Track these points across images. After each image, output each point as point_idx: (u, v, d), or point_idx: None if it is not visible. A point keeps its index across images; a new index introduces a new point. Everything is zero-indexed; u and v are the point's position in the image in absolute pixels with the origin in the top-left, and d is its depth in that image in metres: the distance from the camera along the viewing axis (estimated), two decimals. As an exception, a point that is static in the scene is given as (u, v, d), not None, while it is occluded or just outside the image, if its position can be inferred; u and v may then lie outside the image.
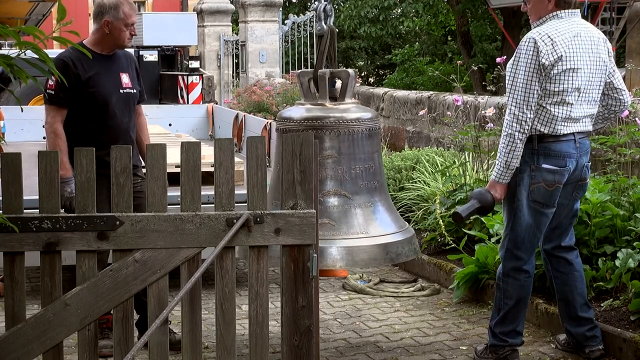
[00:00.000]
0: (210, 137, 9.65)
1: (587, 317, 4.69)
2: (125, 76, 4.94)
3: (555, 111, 4.40)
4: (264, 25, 16.17)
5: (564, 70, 4.37)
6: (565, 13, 4.47)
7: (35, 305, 4.72)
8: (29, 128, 9.32)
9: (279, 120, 4.87)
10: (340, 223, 4.65)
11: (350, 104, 4.83)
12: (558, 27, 4.42)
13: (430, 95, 10.01)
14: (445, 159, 7.96)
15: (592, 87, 4.50)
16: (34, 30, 2.67)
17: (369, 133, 4.75)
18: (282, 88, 12.77)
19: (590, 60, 4.46)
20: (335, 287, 6.40)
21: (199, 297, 3.50)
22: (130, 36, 4.85)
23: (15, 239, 3.37)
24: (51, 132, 4.78)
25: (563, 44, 4.37)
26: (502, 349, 4.63)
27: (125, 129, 4.90)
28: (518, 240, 4.56)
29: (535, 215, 4.51)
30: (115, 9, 4.79)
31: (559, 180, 4.45)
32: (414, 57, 24.90)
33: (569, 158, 4.45)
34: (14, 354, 3.35)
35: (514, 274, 4.60)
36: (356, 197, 4.69)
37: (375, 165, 4.79)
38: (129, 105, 4.96)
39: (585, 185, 4.64)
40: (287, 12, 21.00)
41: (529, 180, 4.46)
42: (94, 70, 4.80)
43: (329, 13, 4.84)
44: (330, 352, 4.97)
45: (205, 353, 4.22)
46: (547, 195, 4.47)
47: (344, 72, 4.82)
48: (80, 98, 4.79)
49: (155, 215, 3.43)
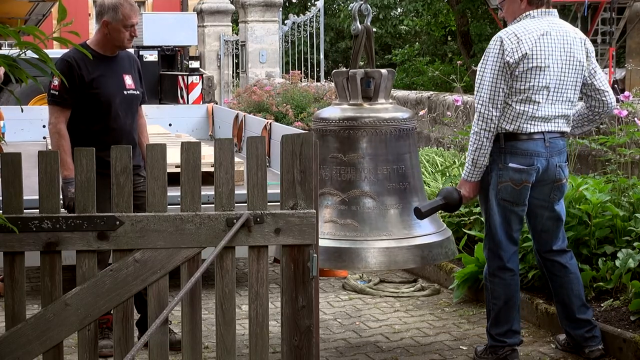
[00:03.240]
0: (210, 137, 9.66)
1: (585, 319, 4.68)
2: (129, 77, 4.94)
3: (521, 109, 4.41)
4: (264, 25, 16.17)
5: (529, 68, 4.38)
6: (537, 12, 4.49)
7: (35, 305, 4.72)
8: (29, 128, 9.33)
9: (316, 121, 4.86)
10: (364, 224, 4.62)
11: (382, 104, 4.78)
12: (527, 26, 4.44)
13: (430, 95, 10.01)
14: (445, 159, 7.97)
15: (565, 86, 4.48)
16: (34, 30, 2.67)
17: (398, 134, 4.70)
18: (282, 88, 12.76)
19: (562, 59, 4.45)
20: (335, 287, 6.40)
21: (199, 297, 3.50)
22: (130, 37, 4.84)
23: (15, 239, 3.37)
24: (55, 132, 4.78)
25: (529, 41, 4.39)
26: (502, 349, 4.64)
27: (129, 130, 4.90)
28: (496, 239, 4.58)
29: (505, 214, 4.52)
30: (114, 10, 4.78)
31: (526, 179, 4.45)
32: (414, 57, 24.91)
33: (536, 157, 4.44)
34: (14, 354, 3.35)
35: (499, 273, 4.60)
36: (382, 199, 4.65)
37: (406, 167, 4.72)
38: (132, 106, 4.96)
39: (562, 186, 4.58)
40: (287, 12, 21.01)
41: (497, 179, 4.49)
42: (98, 71, 4.80)
43: (365, 13, 4.81)
44: (330, 352, 4.97)
45: (205, 353, 4.22)
46: (515, 194, 4.47)
47: (377, 72, 4.78)
48: (84, 99, 4.79)
49: (155, 215, 3.43)
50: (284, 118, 11.34)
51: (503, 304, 4.60)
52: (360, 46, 4.81)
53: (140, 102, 5.08)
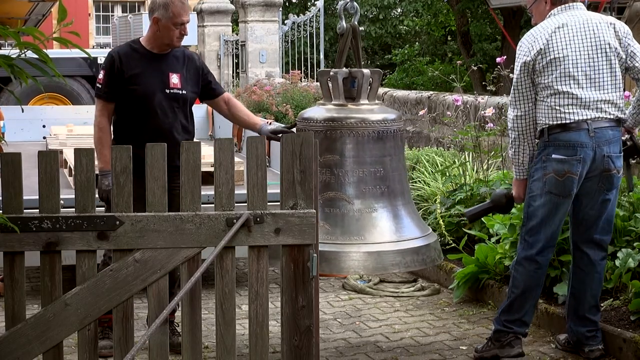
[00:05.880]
0: (210, 137, 9.65)
1: (592, 320, 4.69)
2: (176, 76, 4.88)
3: (553, 102, 4.46)
4: (264, 25, 16.17)
5: (548, 61, 4.46)
6: (559, 9, 4.59)
7: (35, 305, 4.72)
8: (29, 128, 9.32)
9: (299, 121, 4.79)
10: (336, 227, 4.49)
11: (366, 105, 4.64)
12: (545, 24, 4.55)
13: (430, 95, 10.01)
14: (445, 159, 7.96)
15: (597, 71, 4.48)
16: (33, 31, 2.67)
17: (377, 136, 4.56)
18: (282, 88, 12.76)
19: (585, 45, 4.48)
20: (335, 287, 6.40)
21: (199, 297, 3.50)
22: (180, 35, 4.81)
23: (15, 239, 3.37)
24: (96, 125, 4.84)
25: (543, 38, 4.48)
26: (506, 335, 4.63)
27: (168, 129, 4.83)
28: (532, 230, 4.59)
29: (549, 205, 4.53)
30: (164, 7, 4.76)
31: (569, 169, 4.45)
32: (414, 57, 24.90)
33: (580, 147, 4.44)
34: (14, 354, 3.35)
35: (525, 262, 4.62)
36: (357, 202, 4.53)
37: (385, 170, 4.58)
38: (176, 105, 4.89)
39: (611, 177, 4.53)
40: (287, 12, 20.98)
41: (542, 171, 4.52)
42: (139, 68, 4.81)
43: (351, 11, 4.74)
44: (330, 352, 4.97)
45: (205, 353, 4.22)
46: (559, 185, 4.48)
47: (359, 72, 4.65)
48: (123, 95, 4.82)
49: (155, 215, 3.43)
50: (284, 118, 11.34)
51: (520, 293, 4.62)
52: (345, 46, 4.71)
53: (217, 92, 5.11)
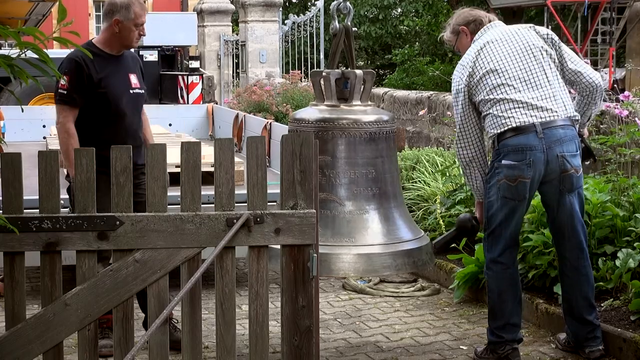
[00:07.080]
0: (210, 137, 9.66)
1: (589, 320, 4.68)
2: (134, 77, 4.97)
3: (496, 110, 4.51)
4: (264, 25, 16.18)
5: (480, 78, 4.57)
6: (478, 34, 4.73)
7: (35, 305, 4.71)
8: (29, 128, 9.33)
9: (291, 121, 4.78)
10: (327, 229, 4.44)
11: (359, 106, 4.62)
12: (469, 50, 4.71)
13: (430, 95, 10.00)
14: (445, 159, 7.96)
15: (529, 73, 4.53)
16: (34, 31, 2.67)
17: (369, 137, 4.54)
18: (282, 88, 12.77)
19: (510, 52, 4.55)
20: (335, 287, 6.40)
21: (199, 297, 3.50)
22: (138, 36, 4.86)
23: (15, 239, 3.37)
24: (64, 131, 4.79)
25: (469, 62, 4.62)
26: (502, 347, 4.62)
27: (135, 129, 4.94)
28: (493, 233, 4.63)
29: (505, 210, 4.55)
30: (126, 9, 4.79)
31: (520, 174, 4.47)
32: (414, 57, 24.89)
33: (529, 151, 4.45)
34: (14, 354, 3.35)
35: (492, 265, 4.66)
36: (348, 203, 4.51)
37: (377, 171, 4.57)
38: (138, 105, 4.99)
39: (571, 177, 4.49)
40: (287, 12, 21.00)
41: (496, 177, 4.55)
42: (105, 71, 4.82)
43: (344, 11, 4.73)
44: (330, 352, 4.97)
45: (205, 353, 4.22)
46: (512, 190, 4.51)
47: (352, 73, 4.63)
48: (92, 98, 4.80)
49: (155, 215, 3.43)
50: (284, 118, 11.35)
51: (497, 297, 4.64)
52: (338, 46, 4.70)
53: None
